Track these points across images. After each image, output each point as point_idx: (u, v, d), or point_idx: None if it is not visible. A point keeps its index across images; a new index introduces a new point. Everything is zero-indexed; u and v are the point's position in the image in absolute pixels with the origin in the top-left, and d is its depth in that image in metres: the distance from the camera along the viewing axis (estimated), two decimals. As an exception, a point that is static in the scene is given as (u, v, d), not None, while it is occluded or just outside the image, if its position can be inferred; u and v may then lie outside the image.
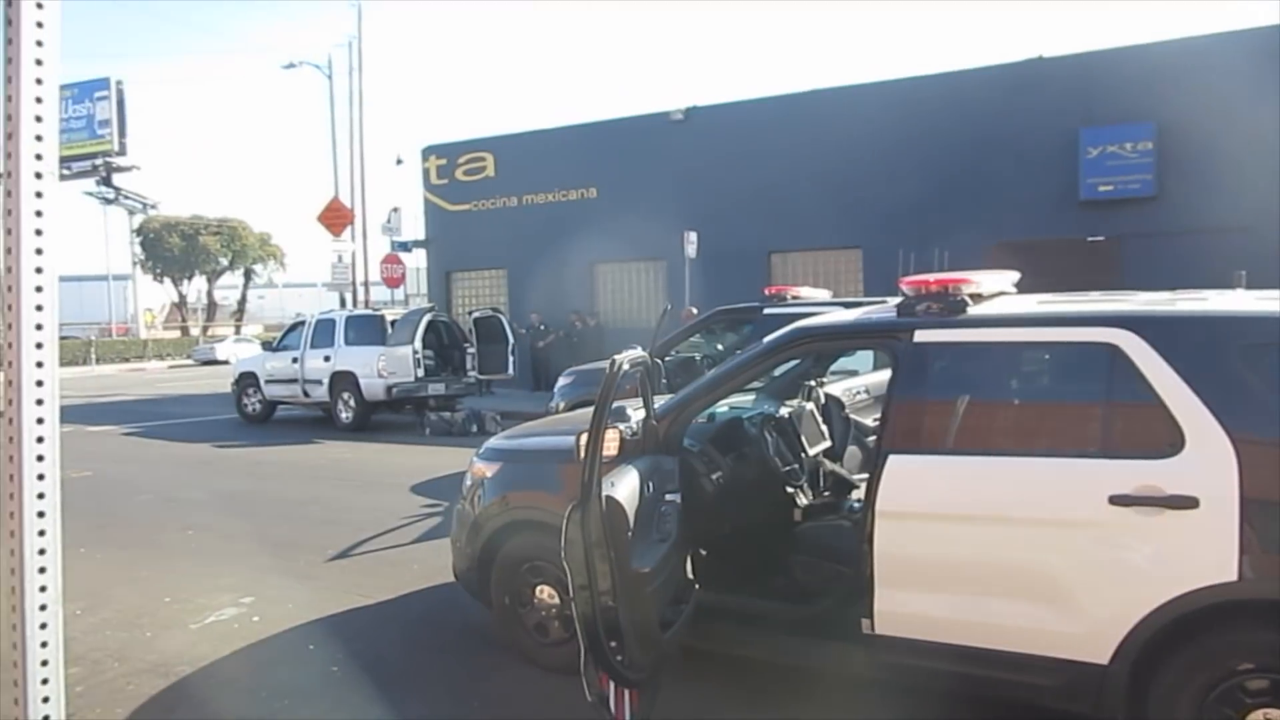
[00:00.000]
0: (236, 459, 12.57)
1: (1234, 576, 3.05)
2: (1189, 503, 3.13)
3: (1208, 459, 3.13)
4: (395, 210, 24.31)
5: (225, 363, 37.43)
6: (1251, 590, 3.06)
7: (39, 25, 1.39)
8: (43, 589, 1.50)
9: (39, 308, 1.43)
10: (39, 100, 1.38)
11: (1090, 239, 15.61)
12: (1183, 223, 14.64)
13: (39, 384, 1.45)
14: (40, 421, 1.47)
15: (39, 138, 1.39)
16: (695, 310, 14.88)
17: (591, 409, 3.69)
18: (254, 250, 53.99)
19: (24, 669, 1.50)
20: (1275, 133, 14.03)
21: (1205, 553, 3.10)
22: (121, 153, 41.65)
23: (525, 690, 4.46)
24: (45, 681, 1.52)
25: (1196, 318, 3.43)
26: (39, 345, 1.43)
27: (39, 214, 1.41)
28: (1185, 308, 3.52)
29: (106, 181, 34.13)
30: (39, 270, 1.43)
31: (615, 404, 3.79)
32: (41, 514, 1.49)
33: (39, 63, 1.38)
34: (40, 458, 1.47)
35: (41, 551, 1.50)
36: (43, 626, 1.50)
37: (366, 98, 30.94)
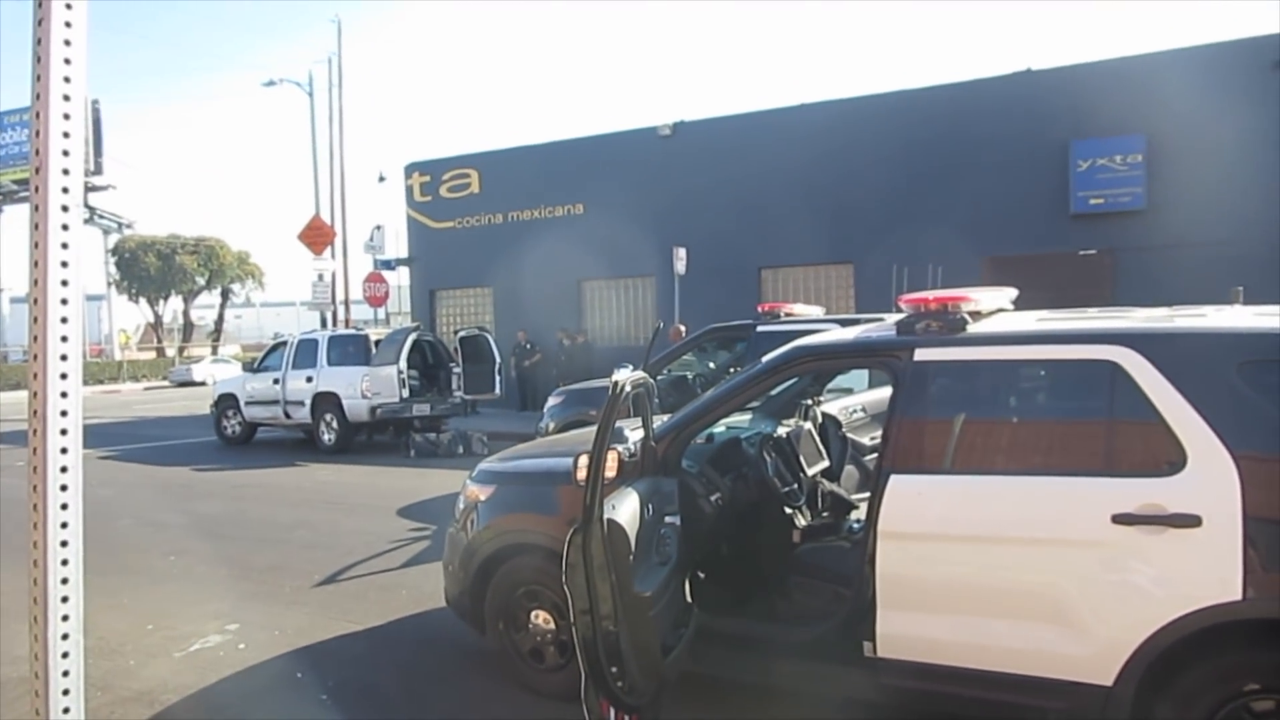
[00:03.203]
0: (218, 482, 12.50)
1: (1238, 596, 3.09)
2: (1192, 521, 3.17)
3: (1210, 477, 3.18)
4: (378, 228, 24.34)
5: (202, 384, 37.31)
6: (1256, 610, 3.09)
7: (66, 65, 1.43)
8: (65, 618, 1.52)
9: (64, 338, 1.46)
10: (66, 135, 1.42)
11: (1082, 252, 15.79)
12: (1174, 236, 14.82)
13: (63, 414, 1.48)
14: (64, 451, 1.50)
15: (65, 171, 1.43)
16: (684, 329, 14.94)
17: (586, 430, 3.71)
18: (232, 269, 53.84)
19: (45, 699, 1.52)
20: (1266, 144, 14.25)
21: (1209, 572, 3.14)
22: (96, 172, 41.60)
23: (521, 717, 4.45)
24: (66, 711, 1.54)
25: (1196, 334, 3.48)
26: (64, 375, 1.46)
27: (65, 246, 1.45)
28: (1184, 324, 3.57)
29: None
30: (64, 301, 1.46)
31: (615, 425, 3.82)
32: (65, 543, 1.52)
33: (66, 98, 1.42)
34: (64, 487, 1.50)
35: (64, 580, 1.52)
36: (64, 655, 1.52)
37: (348, 115, 30.95)
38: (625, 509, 3.60)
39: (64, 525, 1.53)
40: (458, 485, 5.34)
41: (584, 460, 3.59)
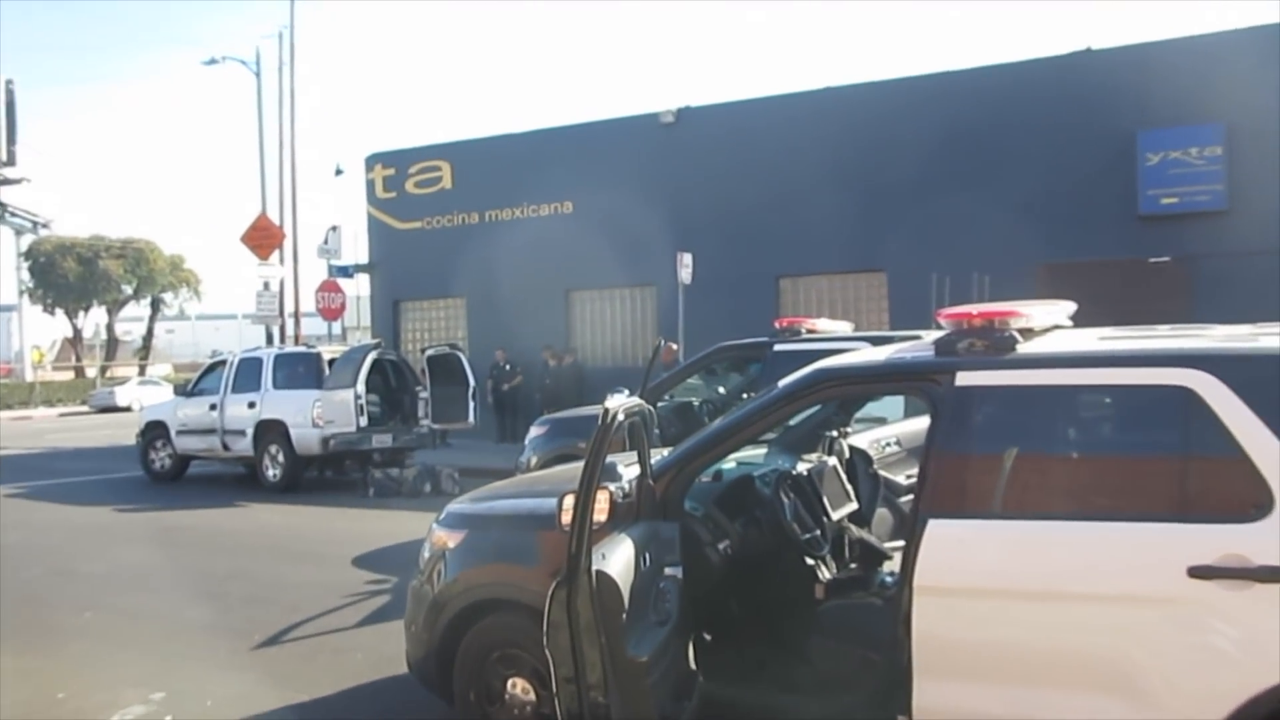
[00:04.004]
0: (144, 525, 12.47)
1: (1337, 661, 3.08)
2: (1280, 575, 3.17)
3: None
4: (334, 229, 24.35)
5: (128, 409, 37.35)
6: (1358, 678, 3.07)
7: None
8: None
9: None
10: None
11: (1153, 260, 15.79)
12: (1260, 240, 14.80)
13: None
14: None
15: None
16: (676, 347, 14.98)
17: (573, 466, 3.69)
18: (164, 276, 53.96)
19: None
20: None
21: (1302, 634, 3.13)
22: (10, 162, 41.82)
23: (496, 804, 4.43)
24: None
25: (1283, 356, 3.49)
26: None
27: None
28: (1271, 344, 3.57)
29: (-9, 196, 34.17)
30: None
31: (606, 460, 3.81)
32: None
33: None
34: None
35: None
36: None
37: (301, 98, 31.17)
38: (618, 559, 3.59)
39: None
40: (423, 530, 5.33)
41: (570, 501, 3.58)
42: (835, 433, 5.99)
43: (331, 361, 15.87)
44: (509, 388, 20.27)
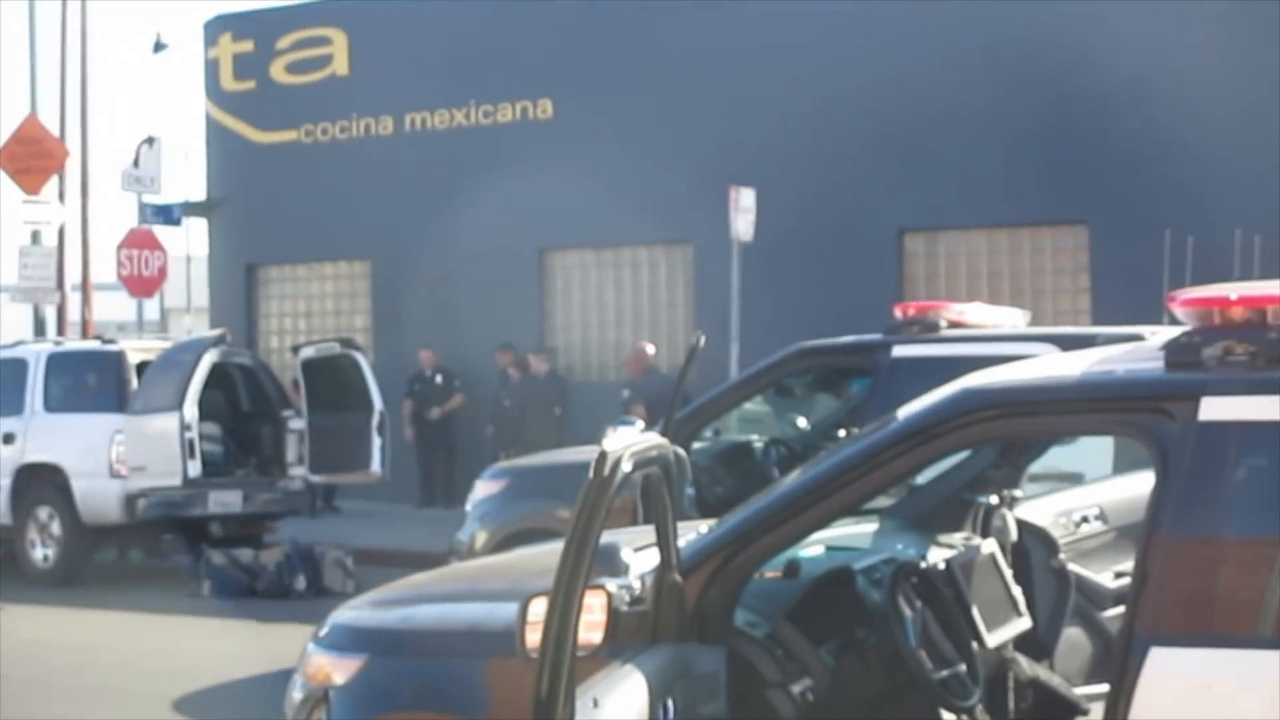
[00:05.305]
0: None
1: None
2: None
3: None
4: (149, 143, 24.34)
5: None
6: None
7: None
8: None
9: None
10: None
11: None
12: None
13: None
14: None
15: None
16: (651, 350, 15.02)
17: (548, 547, 3.64)
18: None
19: None
20: None
21: None
22: None
23: None
24: None
25: None
26: None
27: None
28: None
29: None
30: None
31: (602, 540, 3.80)
32: None
33: None
34: None
35: None
36: None
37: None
38: (620, 706, 3.60)
39: None
40: (291, 653, 5.38)
41: (540, 608, 3.56)
42: (994, 499, 5.97)
43: (143, 366, 15.92)
44: (442, 414, 20.32)
